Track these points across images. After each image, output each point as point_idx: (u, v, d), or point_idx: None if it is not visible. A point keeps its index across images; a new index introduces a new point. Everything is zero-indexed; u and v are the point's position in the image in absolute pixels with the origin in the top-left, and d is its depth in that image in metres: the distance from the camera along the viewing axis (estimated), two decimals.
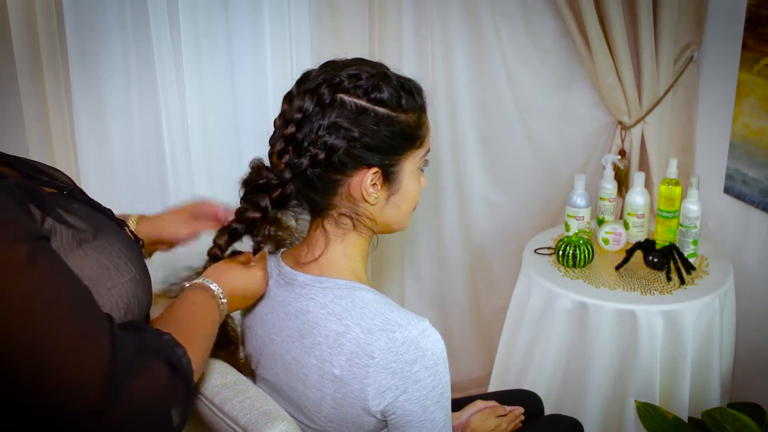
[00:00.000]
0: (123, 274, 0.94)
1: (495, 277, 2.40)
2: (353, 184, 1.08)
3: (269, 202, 1.10)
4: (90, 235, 0.92)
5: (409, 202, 1.15)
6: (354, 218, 1.11)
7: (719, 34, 2.09)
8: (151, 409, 0.81)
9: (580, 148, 2.31)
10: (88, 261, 0.90)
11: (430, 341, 1.02)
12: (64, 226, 0.89)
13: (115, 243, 0.95)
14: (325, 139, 1.05)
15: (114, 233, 0.97)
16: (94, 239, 0.92)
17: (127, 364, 0.79)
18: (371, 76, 1.07)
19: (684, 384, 1.79)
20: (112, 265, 0.93)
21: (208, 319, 1.04)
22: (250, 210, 1.12)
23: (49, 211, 0.88)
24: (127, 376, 0.79)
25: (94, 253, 0.91)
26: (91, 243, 0.92)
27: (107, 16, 1.65)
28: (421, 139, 1.12)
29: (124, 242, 0.97)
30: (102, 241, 0.93)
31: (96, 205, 1.04)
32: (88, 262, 0.89)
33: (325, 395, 1.06)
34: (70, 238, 0.90)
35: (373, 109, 1.06)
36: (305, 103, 1.06)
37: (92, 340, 0.77)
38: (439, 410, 1.05)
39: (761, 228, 2.02)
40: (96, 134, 1.71)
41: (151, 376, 0.82)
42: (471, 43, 2.12)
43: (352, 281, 1.10)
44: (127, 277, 0.94)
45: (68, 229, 0.90)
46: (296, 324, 1.11)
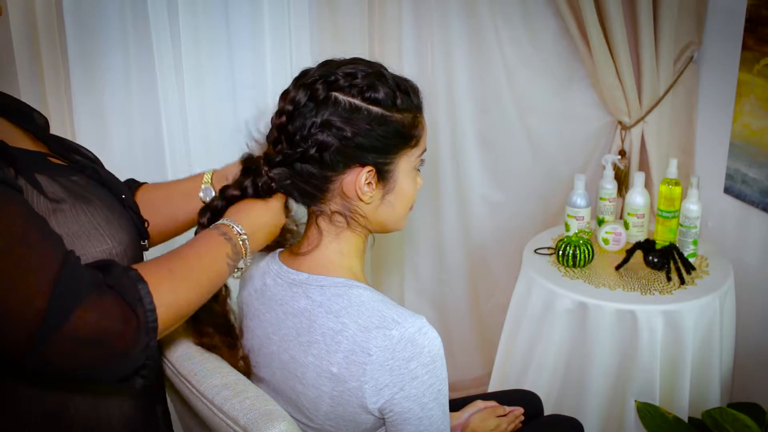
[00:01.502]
0: (94, 245, 0.96)
1: (495, 276, 2.40)
2: (346, 182, 1.08)
3: (250, 183, 1.12)
4: (67, 205, 0.95)
5: (404, 202, 1.14)
6: (348, 216, 1.11)
7: (719, 34, 2.09)
8: (97, 342, 0.81)
9: (580, 148, 2.31)
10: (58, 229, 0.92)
11: (427, 338, 1.03)
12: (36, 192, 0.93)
13: (95, 215, 0.98)
14: (316, 137, 1.05)
15: (99, 206, 0.99)
16: (71, 209, 0.96)
17: (73, 296, 0.80)
18: (367, 75, 1.07)
19: (684, 384, 1.79)
20: (84, 235, 0.96)
21: (206, 257, 1.00)
22: (231, 188, 1.14)
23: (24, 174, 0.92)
24: (70, 308, 0.79)
25: (67, 221, 0.95)
26: (66, 213, 0.95)
27: (107, 16, 1.66)
28: (417, 139, 1.12)
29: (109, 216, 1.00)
30: (78, 211, 0.96)
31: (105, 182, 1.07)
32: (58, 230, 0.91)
33: (322, 393, 1.06)
34: (42, 205, 0.93)
35: (367, 108, 1.06)
36: (298, 96, 1.07)
37: (32, 273, 0.79)
38: (437, 407, 1.05)
39: (761, 228, 2.02)
40: (96, 134, 1.71)
41: (99, 309, 0.81)
42: (471, 43, 2.12)
43: (348, 279, 1.10)
44: (98, 248, 0.97)
45: (40, 196, 0.93)
46: (293, 322, 1.11)
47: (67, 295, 0.80)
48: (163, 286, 0.90)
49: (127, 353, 0.84)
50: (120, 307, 0.83)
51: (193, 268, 0.97)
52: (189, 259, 0.98)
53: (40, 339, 0.78)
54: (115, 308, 0.83)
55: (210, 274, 1.00)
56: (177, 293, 0.92)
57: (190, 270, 0.96)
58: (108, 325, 0.82)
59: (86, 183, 1.02)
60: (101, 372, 0.85)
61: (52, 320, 0.78)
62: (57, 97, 1.62)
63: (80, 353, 0.81)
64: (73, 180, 1.00)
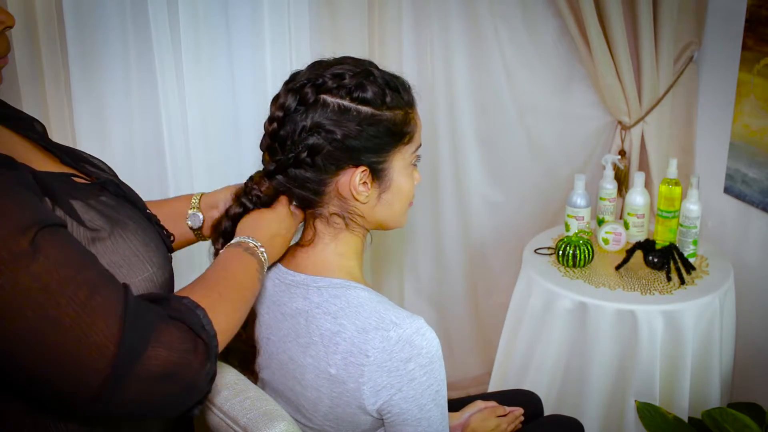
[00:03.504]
0: (136, 273, 0.94)
1: (494, 276, 2.40)
2: (341, 183, 1.08)
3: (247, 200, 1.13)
4: (106, 233, 0.93)
5: (402, 199, 1.14)
6: (346, 217, 1.11)
7: (719, 34, 2.09)
8: (169, 376, 0.80)
9: (580, 148, 2.31)
10: (100, 259, 0.89)
11: (425, 339, 1.02)
12: (75, 222, 0.90)
13: (132, 240, 0.96)
14: (307, 141, 1.05)
15: (134, 230, 0.97)
16: (110, 236, 0.93)
17: (141, 335, 0.79)
18: (355, 75, 1.07)
19: (684, 384, 1.79)
20: (125, 264, 0.93)
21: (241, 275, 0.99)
22: (233, 206, 1.15)
23: (61, 203, 0.90)
24: (142, 348, 0.78)
25: (107, 251, 0.92)
26: (105, 241, 0.92)
27: (107, 17, 1.65)
28: (410, 135, 1.11)
29: (145, 239, 0.98)
30: (117, 238, 0.94)
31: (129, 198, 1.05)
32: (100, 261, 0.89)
33: (321, 394, 1.06)
34: (81, 235, 0.90)
35: (356, 109, 1.05)
36: (287, 101, 1.07)
37: (99, 318, 0.77)
38: (435, 408, 1.05)
39: (761, 228, 2.02)
40: (96, 134, 1.71)
41: (168, 343, 0.80)
42: (471, 43, 2.12)
43: (346, 280, 1.10)
44: (140, 276, 0.94)
45: (79, 226, 0.90)
46: (292, 323, 1.11)
47: (137, 336, 0.78)
48: (218, 311, 0.89)
49: (196, 383, 0.84)
50: (187, 336, 0.83)
51: (237, 290, 0.97)
52: (230, 280, 0.97)
53: (114, 384, 0.77)
54: (183, 339, 0.82)
55: (248, 293, 1.00)
56: (230, 316, 0.93)
57: (235, 292, 0.96)
58: (178, 357, 0.81)
59: (115, 203, 0.99)
60: (170, 407, 0.84)
61: (126, 363, 0.77)
62: (57, 97, 1.62)
63: (153, 391, 0.80)
64: (103, 201, 0.97)
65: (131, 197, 1.05)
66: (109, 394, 0.77)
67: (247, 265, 1.02)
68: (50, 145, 1.04)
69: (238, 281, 0.98)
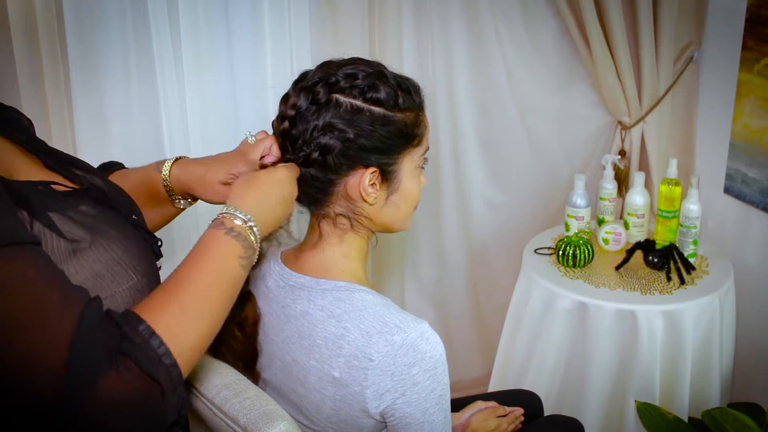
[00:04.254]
0: (120, 282, 0.92)
1: (495, 276, 2.40)
2: (350, 184, 1.08)
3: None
4: (86, 243, 0.90)
5: (409, 202, 1.14)
6: (352, 218, 1.11)
7: (719, 34, 2.09)
8: (127, 406, 0.77)
9: (580, 148, 2.31)
10: (82, 271, 0.88)
11: (429, 344, 1.02)
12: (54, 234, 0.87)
13: (114, 249, 0.93)
14: (319, 140, 1.04)
15: (116, 238, 0.94)
16: (90, 246, 0.90)
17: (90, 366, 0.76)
18: (368, 76, 1.06)
19: (684, 384, 1.79)
20: (108, 274, 0.91)
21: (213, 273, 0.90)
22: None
23: (39, 216, 0.86)
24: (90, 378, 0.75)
25: (89, 262, 0.90)
26: (86, 251, 0.90)
27: (107, 16, 1.65)
28: (420, 138, 1.11)
29: (128, 245, 0.95)
30: (98, 248, 0.91)
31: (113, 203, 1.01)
32: (82, 272, 0.88)
33: (324, 397, 1.06)
34: (62, 247, 0.88)
35: (368, 109, 1.05)
36: (299, 100, 1.06)
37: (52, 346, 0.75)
38: (439, 413, 1.05)
39: (761, 228, 2.02)
40: (96, 134, 1.71)
41: (122, 376, 0.77)
42: (471, 43, 2.12)
43: (350, 283, 1.10)
44: (124, 286, 0.92)
45: (59, 238, 0.87)
46: (295, 326, 1.11)
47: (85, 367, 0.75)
48: (179, 330, 0.83)
49: (158, 417, 0.80)
50: (137, 377, 0.78)
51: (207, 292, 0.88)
52: (199, 282, 0.88)
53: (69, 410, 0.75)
54: (133, 380, 0.78)
55: (225, 288, 0.91)
56: (195, 329, 0.85)
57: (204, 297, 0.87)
58: (131, 395, 0.77)
59: (96, 212, 0.95)
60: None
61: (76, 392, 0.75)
62: (57, 97, 1.62)
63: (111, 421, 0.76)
64: (82, 211, 0.93)
65: (116, 203, 1.02)
66: (68, 419, 0.75)
67: (227, 252, 0.92)
68: (35, 148, 1.01)
69: (213, 278, 0.89)
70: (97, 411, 0.75)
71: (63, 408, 0.74)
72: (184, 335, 0.83)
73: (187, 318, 0.85)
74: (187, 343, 0.83)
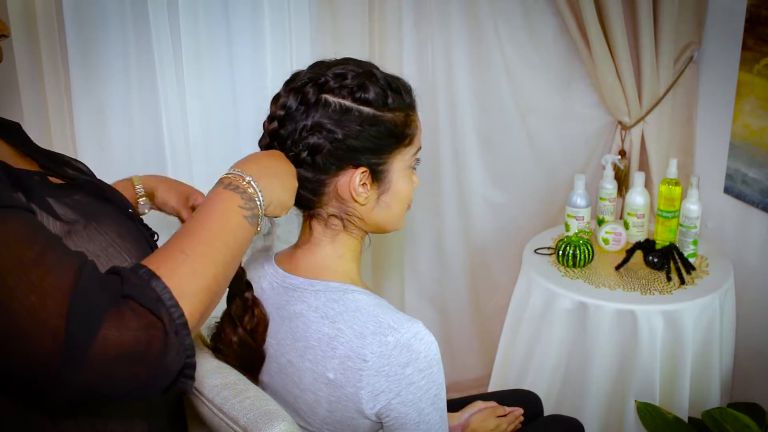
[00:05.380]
0: (114, 263, 0.92)
1: (495, 276, 2.40)
2: (341, 183, 1.08)
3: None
4: (81, 225, 0.92)
5: (400, 202, 1.14)
6: (344, 219, 1.11)
7: (719, 34, 2.09)
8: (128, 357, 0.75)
9: (580, 148, 2.31)
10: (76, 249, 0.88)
11: (423, 344, 1.02)
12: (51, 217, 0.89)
13: (108, 232, 0.94)
14: (308, 140, 1.04)
15: (110, 224, 0.96)
16: (85, 229, 0.92)
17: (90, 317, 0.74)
18: (357, 76, 1.06)
19: (684, 384, 1.79)
20: (102, 254, 0.92)
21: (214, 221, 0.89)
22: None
23: (36, 200, 0.88)
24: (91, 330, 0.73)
25: (83, 242, 0.91)
26: (81, 233, 0.91)
27: (107, 16, 1.66)
28: (410, 138, 1.11)
29: (121, 231, 0.96)
30: (92, 231, 0.93)
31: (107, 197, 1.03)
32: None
33: (320, 398, 1.06)
34: (57, 229, 0.89)
35: (357, 109, 1.05)
36: (289, 101, 1.06)
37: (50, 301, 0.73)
38: (434, 412, 1.05)
39: (761, 228, 2.02)
40: (96, 134, 1.71)
41: (120, 325, 0.75)
42: (471, 43, 2.12)
43: (344, 283, 1.10)
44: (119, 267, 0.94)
45: (55, 220, 0.89)
46: (289, 327, 1.10)
47: (86, 318, 0.74)
48: (180, 274, 0.81)
49: (163, 360, 0.77)
50: (140, 315, 0.76)
51: (208, 238, 0.86)
52: (199, 230, 0.87)
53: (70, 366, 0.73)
54: (135, 319, 0.76)
55: (227, 237, 0.88)
56: (198, 275, 0.83)
57: (204, 242, 0.85)
58: (133, 337, 0.75)
59: (89, 201, 0.97)
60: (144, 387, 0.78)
61: (77, 346, 0.73)
62: (57, 97, 1.62)
63: (115, 373, 0.75)
64: (77, 199, 0.95)
65: (112, 198, 1.03)
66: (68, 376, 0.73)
67: (226, 203, 0.91)
68: (30, 149, 1.03)
69: (213, 227, 0.88)
70: (100, 358, 0.74)
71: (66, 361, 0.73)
72: (187, 279, 0.81)
73: (189, 262, 0.83)
74: (189, 287, 0.81)
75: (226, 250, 0.87)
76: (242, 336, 1.13)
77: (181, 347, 0.79)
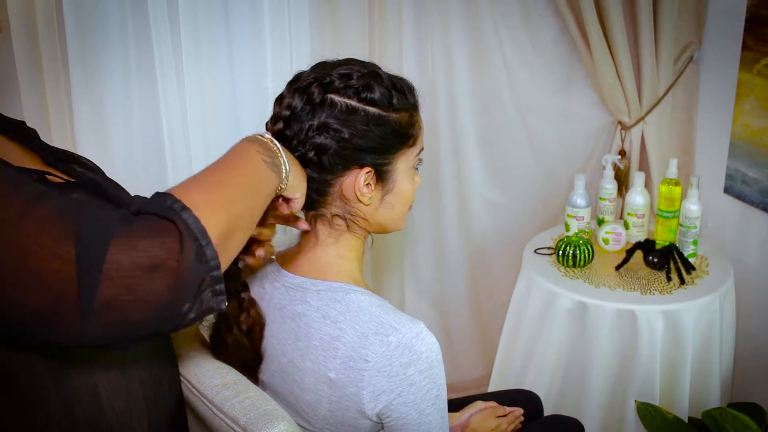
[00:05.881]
0: None
1: (495, 276, 2.40)
2: (345, 184, 1.08)
3: None
4: None
5: (403, 202, 1.14)
6: (348, 219, 1.11)
7: (719, 34, 2.09)
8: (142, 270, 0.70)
9: (580, 148, 2.31)
10: None
11: (424, 344, 1.02)
12: None
13: None
14: (314, 140, 1.04)
15: None
16: None
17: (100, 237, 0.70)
18: (362, 76, 1.06)
19: (684, 384, 1.79)
20: None
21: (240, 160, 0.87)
22: None
23: None
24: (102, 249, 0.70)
25: None
26: None
27: (107, 16, 1.66)
28: (414, 138, 1.11)
29: None
30: None
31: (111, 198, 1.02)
32: None
33: (321, 398, 1.06)
34: None
35: (363, 109, 1.05)
36: (294, 101, 1.06)
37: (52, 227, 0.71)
38: (435, 413, 1.05)
39: (761, 228, 2.02)
40: (96, 134, 1.71)
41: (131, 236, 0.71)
42: (471, 43, 2.12)
43: (346, 283, 1.10)
44: None
45: None
46: (291, 327, 1.11)
47: (94, 235, 0.70)
48: (192, 191, 0.77)
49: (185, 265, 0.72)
50: (152, 222, 0.72)
51: (223, 169, 0.84)
52: (216, 166, 0.85)
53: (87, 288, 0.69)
54: (148, 226, 0.72)
55: (247, 173, 0.87)
56: (212, 193, 0.79)
57: (219, 172, 0.83)
58: (149, 243, 0.70)
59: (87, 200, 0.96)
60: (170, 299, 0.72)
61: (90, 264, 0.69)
62: (57, 97, 1.62)
63: (137, 285, 0.70)
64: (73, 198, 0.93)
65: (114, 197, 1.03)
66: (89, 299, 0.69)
67: (246, 149, 0.91)
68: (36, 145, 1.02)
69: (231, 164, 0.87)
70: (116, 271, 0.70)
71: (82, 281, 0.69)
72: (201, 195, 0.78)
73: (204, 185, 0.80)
74: (203, 199, 0.77)
75: (244, 182, 0.85)
76: (237, 336, 1.12)
77: (201, 254, 0.74)
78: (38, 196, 0.73)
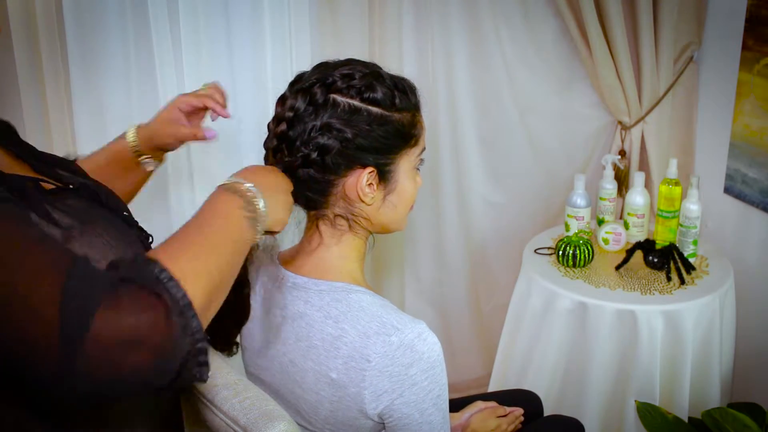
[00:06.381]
0: None
1: (495, 277, 2.40)
2: (348, 184, 1.08)
3: None
4: (77, 231, 0.91)
5: (405, 202, 1.14)
6: (350, 219, 1.11)
7: (719, 34, 2.09)
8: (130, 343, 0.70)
9: (580, 148, 2.31)
10: None
11: (426, 344, 1.02)
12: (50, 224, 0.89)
13: (104, 236, 0.94)
14: (317, 140, 1.04)
15: (105, 226, 0.95)
16: (82, 234, 0.91)
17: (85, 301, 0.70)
18: (364, 76, 1.06)
19: (684, 384, 1.79)
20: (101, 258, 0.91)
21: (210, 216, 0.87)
22: None
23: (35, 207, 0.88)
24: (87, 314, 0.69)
25: (83, 247, 0.90)
26: (77, 239, 0.91)
27: (107, 16, 1.66)
28: (416, 138, 1.11)
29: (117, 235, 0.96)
30: (89, 236, 0.92)
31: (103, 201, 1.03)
32: None
33: (322, 398, 1.06)
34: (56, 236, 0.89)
35: (366, 109, 1.05)
36: (297, 102, 1.06)
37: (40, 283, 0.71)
38: (437, 413, 1.05)
39: (761, 228, 2.02)
40: (96, 134, 1.71)
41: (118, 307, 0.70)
42: (471, 43, 2.12)
43: (348, 283, 1.09)
44: None
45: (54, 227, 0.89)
46: (292, 326, 1.10)
47: (78, 304, 0.70)
48: (179, 259, 0.78)
49: (170, 341, 0.72)
50: (139, 295, 0.72)
51: (207, 232, 0.84)
52: (198, 224, 0.85)
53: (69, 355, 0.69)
54: (133, 301, 0.71)
55: (228, 232, 0.87)
56: (198, 259, 0.79)
57: (203, 234, 0.83)
58: (134, 320, 0.71)
59: (83, 205, 0.97)
60: (151, 376, 0.73)
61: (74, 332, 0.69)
62: (57, 97, 1.62)
63: (117, 361, 0.70)
64: (70, 204, 0.95)
65: (107, 201, 1.03)
66: (67, 367, 0.69)
67: (226, 203, 0.90)
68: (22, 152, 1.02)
69: (213, 222, 0.86)
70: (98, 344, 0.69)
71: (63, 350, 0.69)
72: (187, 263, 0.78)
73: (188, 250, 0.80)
74: (190, 268, 0.77)
75: (226, 243, 0.85)
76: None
77: (186, 328, 0.74)
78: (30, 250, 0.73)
